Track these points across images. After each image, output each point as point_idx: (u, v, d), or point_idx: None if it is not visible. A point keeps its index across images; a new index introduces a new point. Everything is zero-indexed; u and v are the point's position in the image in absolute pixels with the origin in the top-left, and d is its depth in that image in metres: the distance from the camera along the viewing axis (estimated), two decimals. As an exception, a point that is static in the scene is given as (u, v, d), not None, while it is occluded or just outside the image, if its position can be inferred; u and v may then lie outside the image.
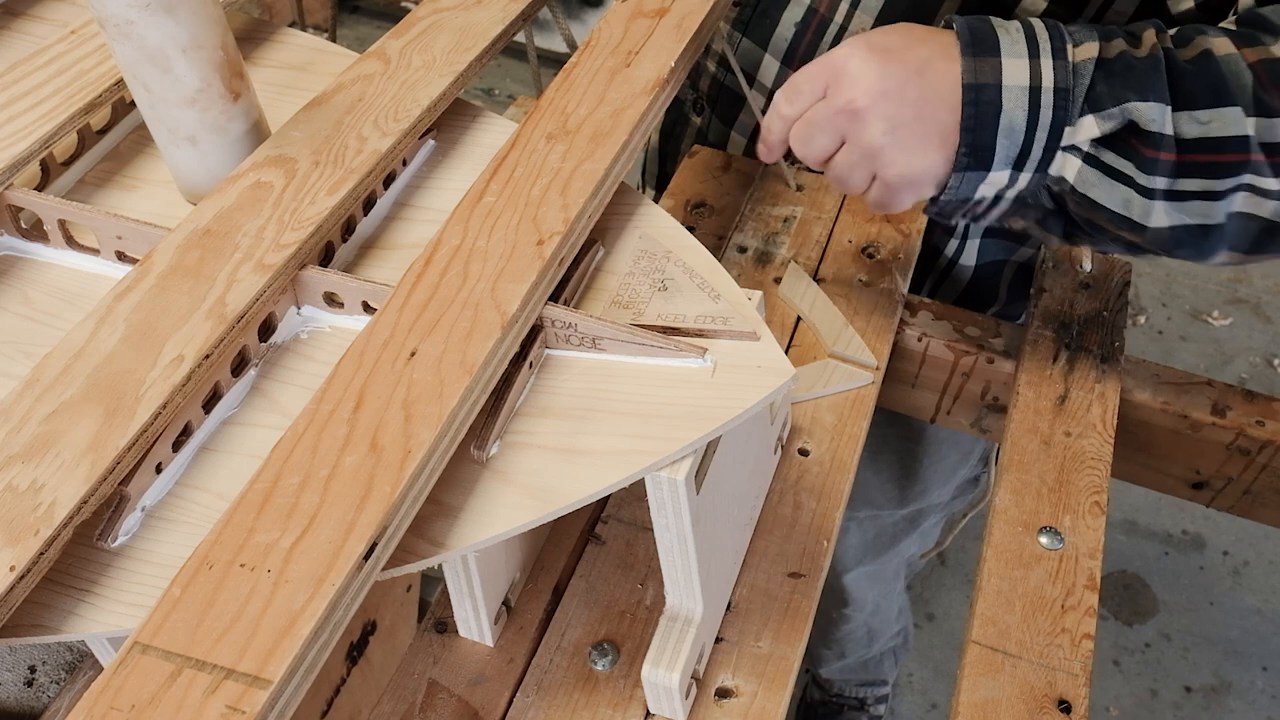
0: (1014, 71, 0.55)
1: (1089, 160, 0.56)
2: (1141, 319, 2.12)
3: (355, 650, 0.86)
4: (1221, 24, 0.58)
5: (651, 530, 0.48)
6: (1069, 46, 0.55)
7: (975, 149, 0.55)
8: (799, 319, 0.74)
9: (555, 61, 2.34)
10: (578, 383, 0.47)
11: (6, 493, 0.39)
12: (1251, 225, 0.55)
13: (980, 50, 0.55)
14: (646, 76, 0.58)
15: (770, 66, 0.82)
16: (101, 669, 0.39)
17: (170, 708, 0.33)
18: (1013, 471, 0.65)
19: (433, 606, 0.58)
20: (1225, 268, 0.67)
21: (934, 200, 0.60)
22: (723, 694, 0.54)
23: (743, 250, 0.78)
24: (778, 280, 0.76)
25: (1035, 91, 0.54)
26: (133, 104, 0.59)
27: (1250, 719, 1.60)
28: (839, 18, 0.76)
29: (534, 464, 0.45)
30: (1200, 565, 1.78)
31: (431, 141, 0.61)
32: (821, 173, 0.62)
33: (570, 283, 0.51)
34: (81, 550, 0.41)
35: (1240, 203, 0.54)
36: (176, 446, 0.44)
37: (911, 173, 0.57)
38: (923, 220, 0.81)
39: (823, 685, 1.57)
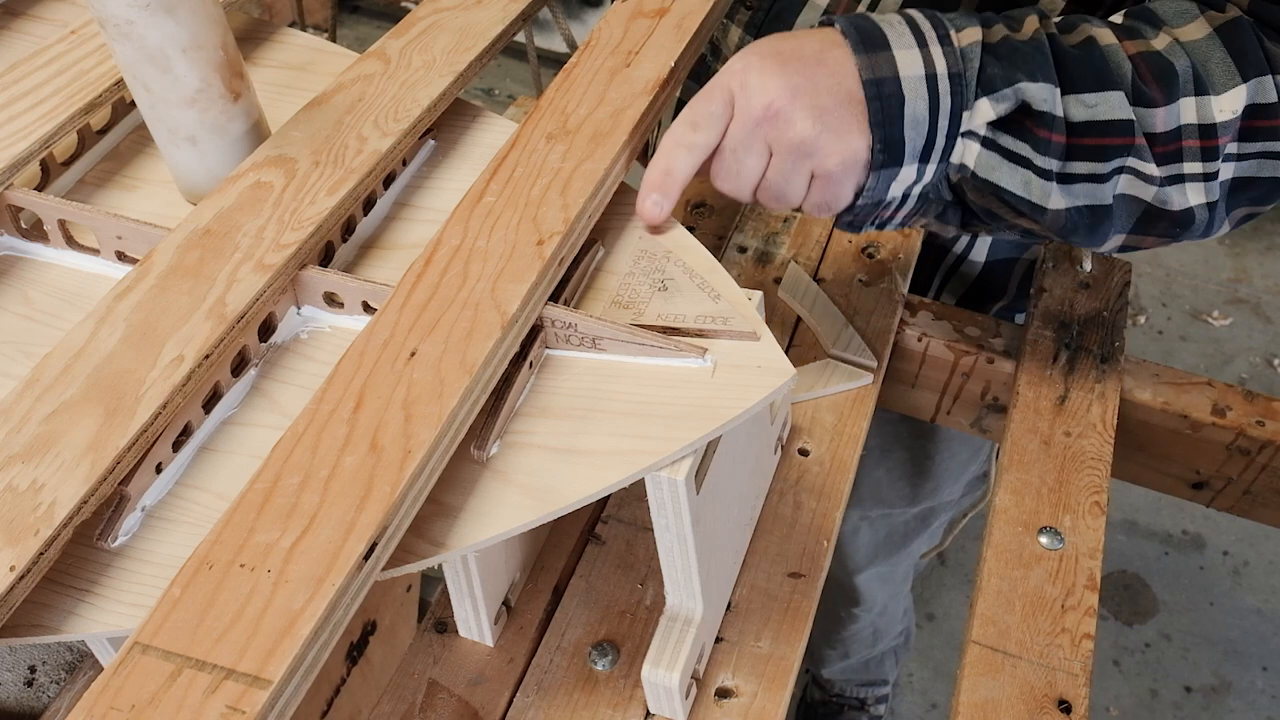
0: (907, 62, 0.55)
1: (987, 144, 0.56)
2: (1141, 319, 2.12)
3: (355, 650, 0.86)
4: (1110, 18, 0.59)
5: (651, 530, 0.48)
6: (952, 33, 0.55)
7: (888, 143, 0.55)
8: (799, 319, 0.74)
9: (555, 61, 2.34)
10: (578, 383, 0.47)
11: (6, 493, 0.39)
12: (1135, 208, 0.57)
13: (870, 46, 0.55)
14: (646, 76, 0.58)
15: None
16: (101, 669, 0.39)
17: (170, 708, 0.33)
18: (1013, 471, 0.65)
19: (433, 606, 0.58)
20: (1125, 253, 0.67)
21: (849, 209, 0.59)
22: (723, 694, 0.54)
23: (743, 250, 0.78)
24: (778, 280, 0.76)
25: (931, 79, 0.55)
26: (133, 104, 0.59)
27: (1250, 719, 1.60)
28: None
29: (534, 464, 0.45)
30: (1200, 565, 1.78)
31: (431, 141, 0.61)
32: (755, 204, 0.60)
33: (570, 283, 0.51)
34: (81, 550, 0.41)
35: (1125, 185, 0.56)
36: (176, 446, 0.44)
37: (850, 155, 0.56)
38: (923, 220, 0.81)
39: (823, 685, 1.57)
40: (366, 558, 0.38)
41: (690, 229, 0.79)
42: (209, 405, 0.46)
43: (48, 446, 0.41)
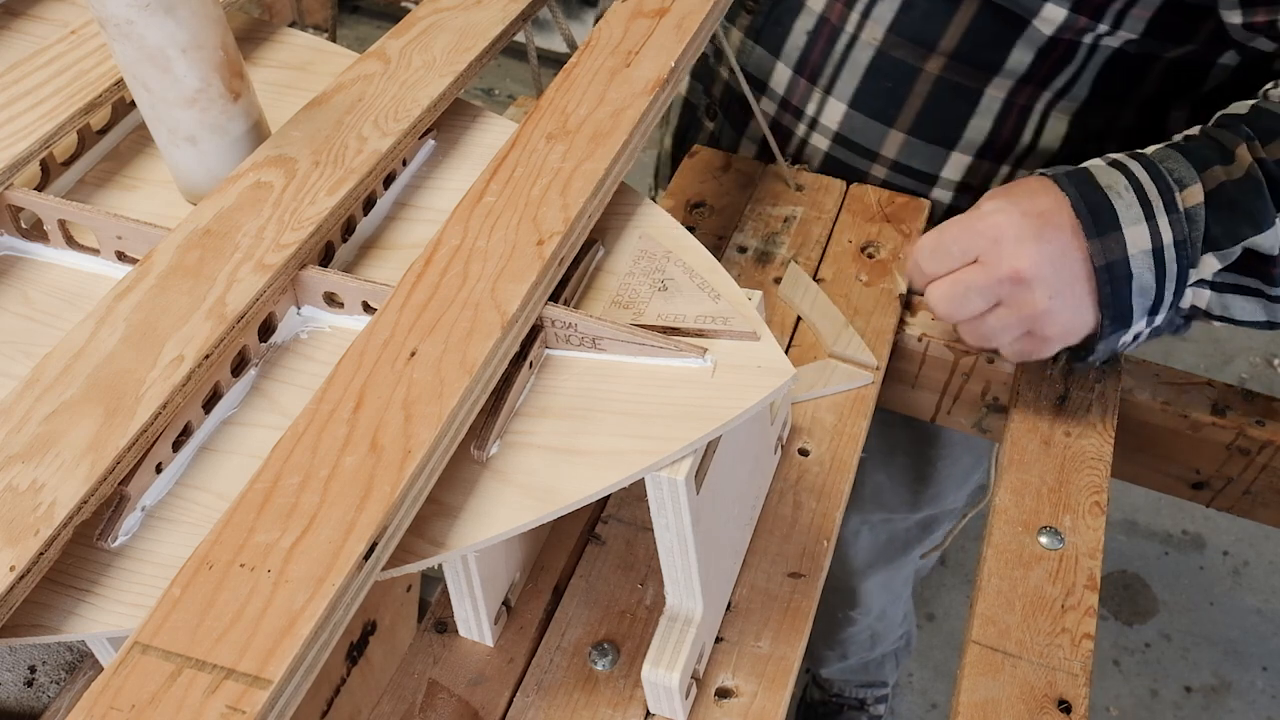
0: (1136, 239, 0.58)
1: (1216, 288, 0.60)
2: (1141, 319, 2.12)
3: (355, 650, 0.86)
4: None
5: (651, 530, 0.48)
6: (1177, 196, 0.58)
7: (1116, 315, 0.60)
8: (799, 319, 0.74)
9: (555, 61, 2.34)
10: (578, 383, 0.48)
11: (6, 493, 0.39)
12: None
13: (1102, 228, 0.58)
14: (646, 76, 0.58)
15: (782, 74, 0.82)
16: (101, 669, 0.39)
17: (170, 708, 0.33)
18: (1013, 471, 0.65)
19: (433, 606, 0.58)
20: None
21: (1083, 359, 0.65)
22: (723, 694, 0.54)
23: (743, 250, 0.78)
24: (778, 280, 0.76)
25: (1158, 252, 0.58)
26: (133, 104, 0.59)
27: (1250, 719, 1.60)
28: (849, 27, 0.76)
29: (534, 464, 0.45)
30: (1200, 565, 1.78)
31: (431, 141, 0.61)
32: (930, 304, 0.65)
33: (570, 283, 0.51)
34: (81, 550, 0.41)
35: None
36: (176, 446, 0.44)
37: (1072, 330, 0.61)
38: (922, 219, 0.81)
39: (823, 685, 1.57)
40: (366, 558, 0.38)
41: (690, 229, 0.79)
42: (209, 405, 0.46)
43: (48, 446, 0.41)
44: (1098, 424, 0.68)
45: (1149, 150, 0.61)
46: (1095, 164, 0.61)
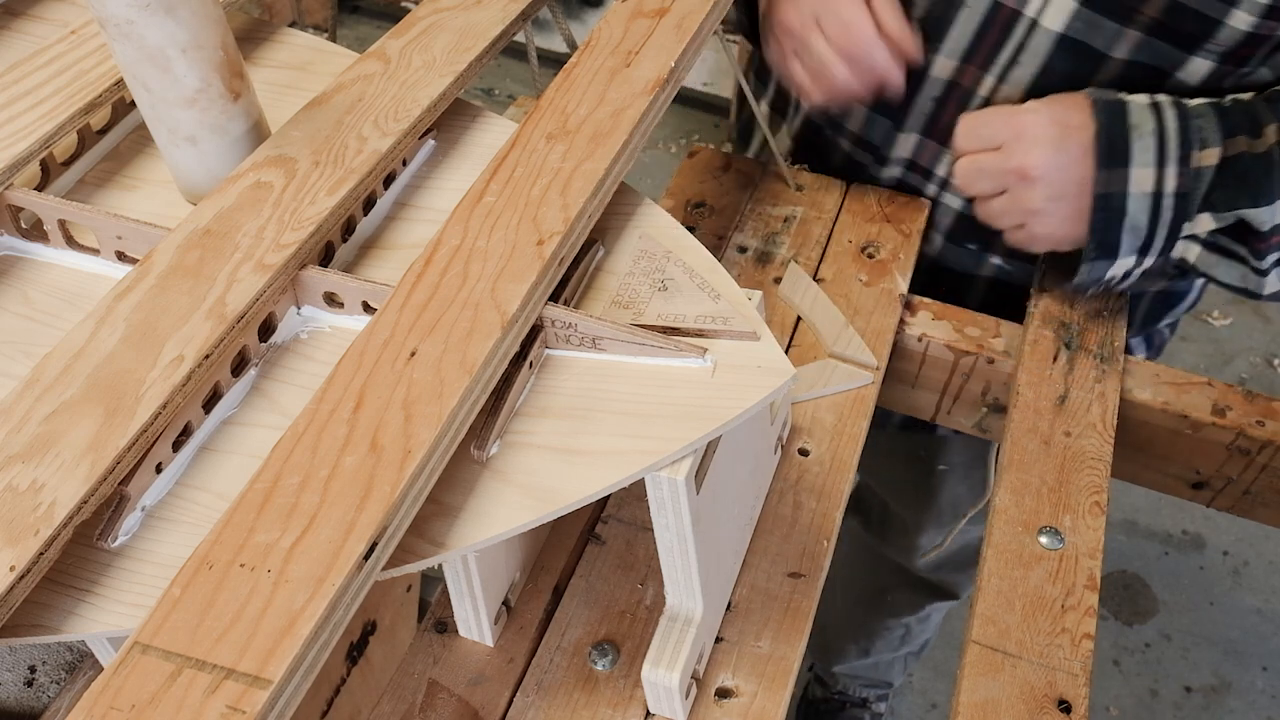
0: (1140, 180, 0.63)
1: (1207, 245, 0.64)
2: (1141, 319, 2.12)
3: (355, 650, 0.86)
4: None
5: (651, 530, 0.48)
6: (1194, 153, 0.62)
7: (1102, 245, 0.65)
8: (799, 319, 0.74)
9: (555, 61, 2.34)
10: (578, 383, 0.47)
11: (6, 493, 0.39)
12: None
13: (1112, 162, 0.63)
14: (646, 76, 0.58)
15: (907, 139, 0.79)
16: (101, 669, 0.39)
17: (170, 708, 0.33)
18: (1013, 471, 0.65)
19: (433, 606, 0.58)
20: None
21: (1071, 282, 0.69)
22: (723, 694, 0.54)
23: (743, 250, 0.78)
24: (778, 280, 0.76)
25: (1157, 196, 0.63)
26: (133, 104, 0.59)
27: (1250, 719, 1.60)
28: (984, 91, 0.73)
29: (534, 464, 0.45)
30: (1200, 565, 1.78)
31: (431, 141, 0.61)
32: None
33: (570, 283, 0.51)
34: (81, 550, 0.41)
35: None
36: (176, 446, 0.44)
37: (1057, 237, 0.67)
38: (922, 220, 0.81)
39: (825, 683, 1.57)
40: (366, 558, 0.38)
41: (690, 229, 0.79)
42: (209, 405, 0.46)
43: (48, 446, 0.41)
44: (1098, 424, 0.68)
45: (1193, 103, 0.65)
46: (1137, 100, 0.65)
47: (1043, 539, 0.61)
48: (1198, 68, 0.66)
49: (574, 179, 0.52)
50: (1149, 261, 0.66)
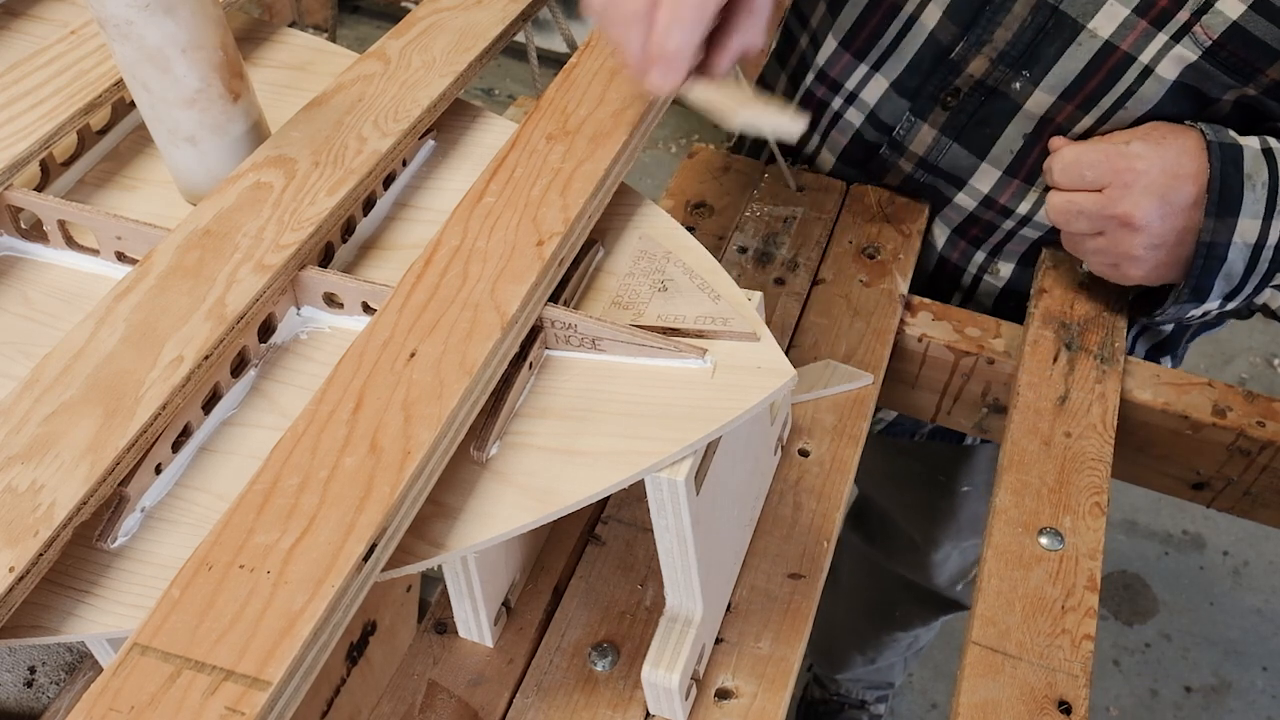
0: (1245, 231, 0.62)
1: None
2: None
3: (355, 650, 0.86)
4: None
5: (651, 531, 0.48)
6: None
7: (1196, 290, 0.65)
8: (799, 319, 0.74)
9: (555, 61, 2.34)
10: (577, 383, 0.47)
11: (6, 493, 0.39)
12: None
13: (1224, 210, 0.62)
14: (646, 77, 0.58)
15: (988, 174, 0.76)
16: (101, 670, 0.39)
17: (169, 709, 0.33)
18: (1013, 472, 0.65)
19: (432, 607, 0.58)
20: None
21: (1150, 314, 0.70)
22: (722, 695, 0.54)
23: (743, 250, 0.78)
24: (778, 281, 0.76)
25: (1259, 248, 0.62)
26: (133, 104, 0.59)
27: (1250, 719, 1.60)
28: (1078, 129, 0.71)
29: (534, 465, 0.45)
30: (1200, 565, 1.78)
31: (431, 142, 0.61)
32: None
33: (570, 283, 0.51)
34: (81, 551, 0.41)
35: None
36: (176, 447, 0.44)
37: (1149, 279, 0.66)
38: (923, 220, 0.81)
39: (824, 684, 1.57)
40: (366, 559, 0.38)
41: (690, 229, 0.79)
42: (209, 406, 0.46)
43: (47, 447, 0.41)
44: (1098, 424, 0.68)
45: None
46: (1251, 145, 0.63)
47: (1043, 540, 0.61)
48: None
49: (574, 179, 0.52)
50: (1232, 305, 0.67)
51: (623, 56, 0.51)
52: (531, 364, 0.47)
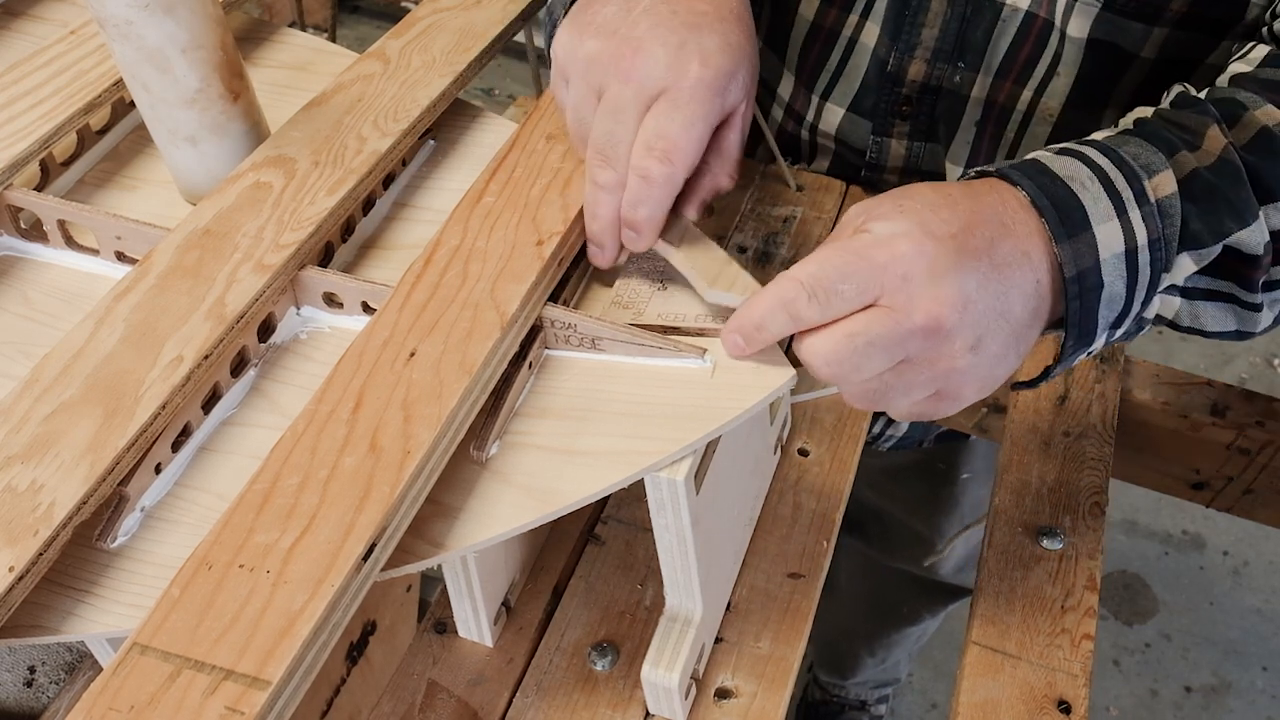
0: (1108, 240, 0.47)
1: (1188, 294, 0.52)
2: (1142, 319, 2.12)
3: (355, 650, 0.86)
4: (1239, 65, 0.55)
5: (651, 530, 0.48)
6: (1146, 185, 0.48)
7: (1081, 336, 0.49)
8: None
9: (555, 61, 2.34)
10: (577, 383, 0.47)
11: (6, 493, 0.39)
12: None
13: (1072, 228, 0.47)
14: (646, 76, 0.58)
15: (956, 171, 0.74)
16: (101, 669, 0.39)
17: (169, 708, 0.33)
18: (1013, 472, 0.65)
19: (432, 607, 0.58)
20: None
21: (1030, 385, 0.54)
22: (722, 694, 0.54)
23: (743, 250, 0.78)
24: (778, 280, 0.76)
25: (1131, 254, 0.47)
26: (132, 104, 0.59)
27: (1250, 719, 1.60)
28: (1021, 106, 0.68)
29: (533, 464, 0.45)
30: (1200, 565, 1.78)
31: (431, 142, 0.61)
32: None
33: (570, 283, 0.51)
34: (81, 551, 0.41)
35: None
36: (176, 447, 0.44)
37: (989, 385, 0.48)
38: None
39: (824, 685, 1.57)
40: (366, 558, 0.38)
41: (690, 229, 0.79)
42: (208, 406, 0.46)
43: (47, 447, 0.41)
44: (1098, 424, 0.68)
45: (1099, 136, 0.52)
46: (1042, 154, 0.50)
47: (1043, 539, 0.61)
48: (1226, 51, 0.62)
49: (574, 179, 0.52)
50: (1120, 332, 0.51)
51: (589, 210, 0.50)
52: (531, 364, 0.47)
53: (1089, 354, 0.52)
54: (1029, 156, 0.50)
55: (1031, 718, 0.54)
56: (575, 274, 0.51)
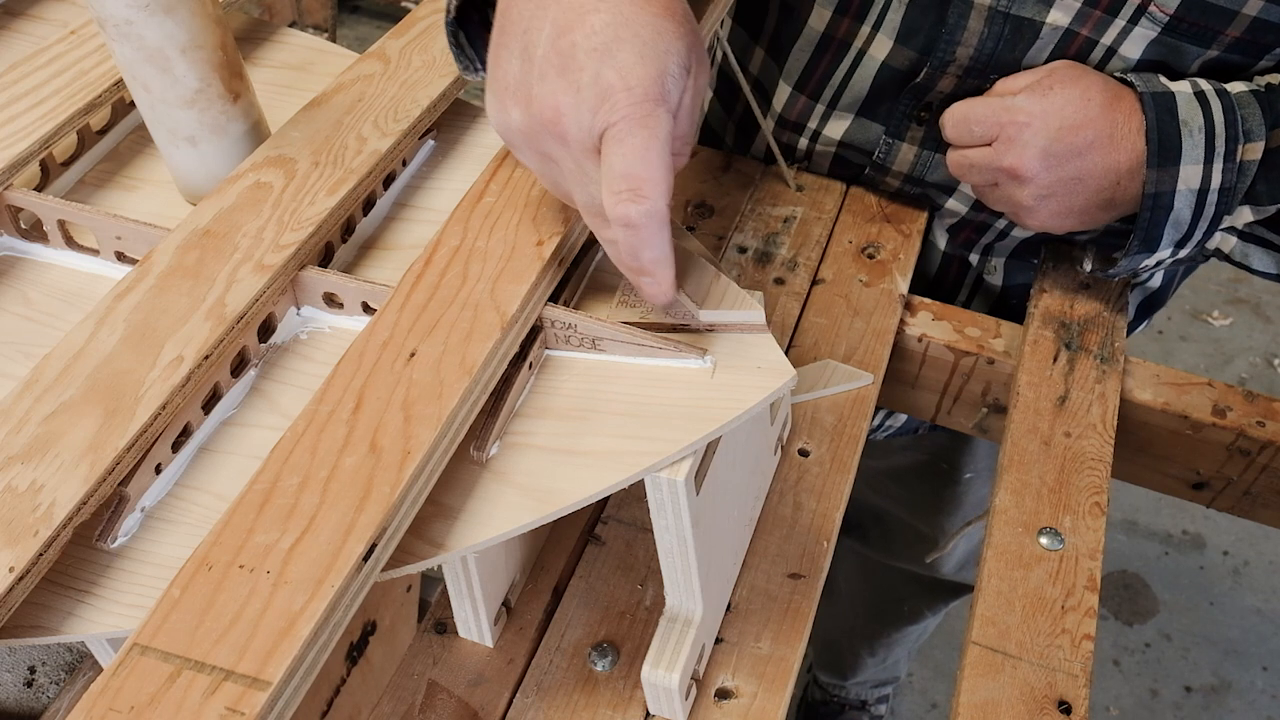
0: (1189, 177, 0.62)
1: (1244, 236, 0.65)
2: (1142, 319, 2.12)
3: (355, 650, 0.86)
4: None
5: (651, 531, 0.48)
6: (1239, 147, 0.62)
7: (1146, 240, 0.65)
8: (799, 319, 0.74)
9: (555, 61, 2.33)
10: (577, 383, 0.47)
11: (6, 493, 0.39)
12: None
13: (1165, 160, 0.62)
14: (646, 77, 0.58)
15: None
16: (101, 670, 0.39)
17: (169, 709, 0.33)
18: (1013, 472, 0.65)
19: (432, 607, 0.58)
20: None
21: (1104, 271, 0.71)
22: (722, 695, 0.54)
23: (743, 250, 0.78)
24: (778, 280, 0.76)
25: (1203, 193, 0.62)
26: (133, 104, 0.59)
27: (1250, 719, 1.60)
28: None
29: (533, 465, 0.45)
30: (1200, 565, 1.78)
31: (431, 142, 0.61)
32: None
33: (570, 283, 0.51)
34: (81, 551, 0.41)
35: None
36: (176, 447, 0.44)
37: (1047, 228, 0.68)
38: (922, 220, 0.81)
39: (824, 685, 1.57)
40: (366, 559, 0.38)
41: (690, 229, 0.79)
42: (208, 406, 0.46)
43: (47, 447, 0.41)
44: (1098, 424, 0.68)
45: (1235, 91, 0.63)
46: (1183, 90, 0.63)
47: (1043, 540, 0.61)
48: (1261, 68, 0.66)
49: (574, 179, 0.52)
50: (1184, 253, 0.67)
51: (623, 263, 0.46)
52: (531, 364, 0.47)
53: (1158, 264, 0.68)
54: (1171, 88, 0.63)
55: (1031, 718, 0.54)
56: (575, 274, 0.51)
